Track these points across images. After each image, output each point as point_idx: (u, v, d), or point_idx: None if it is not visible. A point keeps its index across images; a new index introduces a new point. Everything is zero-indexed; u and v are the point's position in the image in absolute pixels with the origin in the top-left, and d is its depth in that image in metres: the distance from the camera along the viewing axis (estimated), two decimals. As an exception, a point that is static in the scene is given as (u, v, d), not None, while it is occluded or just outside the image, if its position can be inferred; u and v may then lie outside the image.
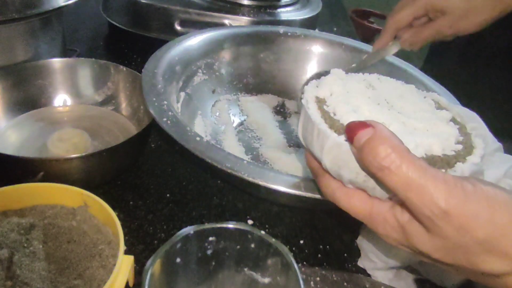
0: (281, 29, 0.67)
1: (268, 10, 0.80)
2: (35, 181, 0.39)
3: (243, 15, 0.76)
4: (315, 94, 0.33)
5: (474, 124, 0.35)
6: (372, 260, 0.42)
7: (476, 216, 0.24)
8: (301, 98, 0.33)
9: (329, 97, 0.33)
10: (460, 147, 0.30)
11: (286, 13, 0.81)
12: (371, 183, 0.28)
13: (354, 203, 0.30)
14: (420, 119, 0.32)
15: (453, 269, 0.27)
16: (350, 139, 0.27)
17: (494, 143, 0.37)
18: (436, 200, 0.24)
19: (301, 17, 0.81)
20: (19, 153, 0.49)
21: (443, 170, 0.28)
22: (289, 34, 0.66)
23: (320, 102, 0.32)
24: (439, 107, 0.36)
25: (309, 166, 0.33)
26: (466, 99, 0.55)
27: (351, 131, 0.27)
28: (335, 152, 0.29)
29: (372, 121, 0.27)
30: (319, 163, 0.31)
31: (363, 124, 0.26)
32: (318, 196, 0.38)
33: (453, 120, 0.34)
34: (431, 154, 0.29)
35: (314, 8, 0.86)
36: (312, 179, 0.39)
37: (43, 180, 0.42)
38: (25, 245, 0.35)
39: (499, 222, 0.24)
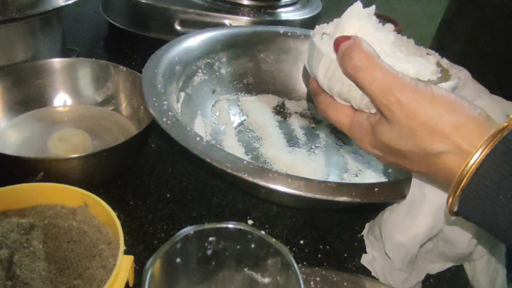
0: (281, 29, 0.67)
1: (268, 10, 0.80)
2: (35, 181, 0.39)
3: (243, 15, 0.76)
4: (322, 30, 0.39)
5: (457, 71, 0.38)
6: (374, 258, 0.42)
7: (421, 104, 0.29)
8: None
9: (333, 31, 0.38)
10: (434, 77, 0.36)
11: (286, 13, 0.81)
12: (353, 93, 0.34)
13: (339, 117, 0.36)
14: (407, 56, 0.38)
15: (407, 162, 0.33)
16: (336, 50, 0.33)
17: (474, 91, 0.42)
18: (392, 90, 0.30)
19: (301, 17, 0.81)
20: (19, 153, 0.49)
21: None
22: (289, 34, 0.66)
23: (325, 35, 0.38)
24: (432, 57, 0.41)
25: (310, 88, 0.39)
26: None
27: (336, 43, 0.33)
28: (326, 66, 0.35)
29: (353, 35, 0.33)
30: (318, 83, 0.37)
31: (345, 37, 0.33)
32: (318, 196, 0.38)
33: (437, 63, 0.39)
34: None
35: (314, 8, 0.86)
36: (312, 179, 0.39)
37: (43, 180, 0.42)
38: (25, 245, 0.35)
39: (438, 108, 0.29)
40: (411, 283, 0.42)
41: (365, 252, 0.45)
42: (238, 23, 0.74)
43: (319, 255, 0.45)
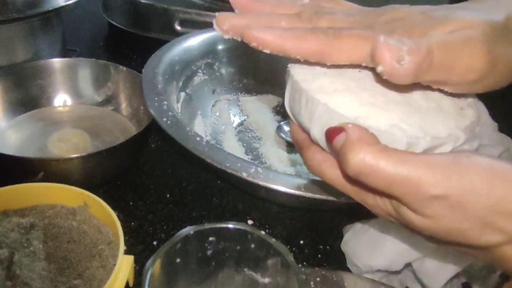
0: (281, 29, 0.67)
1: (268, 10, 0.80)
2: (35, 181, 0.39)
3: (243, 15, 0.75)
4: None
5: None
6: (356, 265, 0.42)
7: (474, 191, 0.23)
8: (287, 70, 0.30)
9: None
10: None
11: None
12: None
13: (339, 175, 0.27)
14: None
15: (441, 243, 0.27)
16: (329, 144, 0.26)
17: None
18: (423, 189, 0.23)
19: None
20: (19, 153, 0.49)
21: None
22: (289, 34, 0.66)
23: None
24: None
25: (293, 138, 0.31)
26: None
27: (328, 137, 0.25)
28: (324, 120, 0.26)
29: (345, 124, 0.25)
30: (307, 134, 0.28)
31: (337, 130, 0.25)
32: (318, 196, 0.38)
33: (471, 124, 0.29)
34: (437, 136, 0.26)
35: (314, 8, 0.86)
36: (312, 179, 0.39)
37: (43, 180, 0.42)
38: (25, 245, 0.35)
39: (497, 194, 0.23)
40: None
41: None
42: (238, 23, 0.74)
43: (319, 256, 0.45)
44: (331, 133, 0.25)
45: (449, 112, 0.28)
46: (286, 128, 0.60)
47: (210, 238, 0.31)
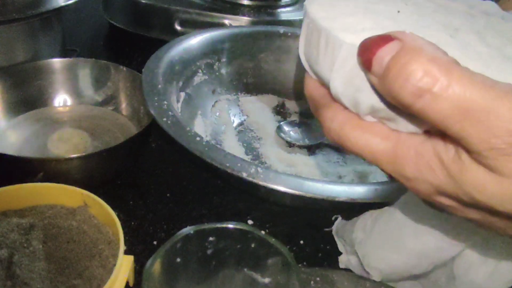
0: (281, 29, 0.67)
1: (268, 10, 0.80)
2: (35, 181, 0.39)
3: (243, 15, 0.76)
4: None
5: None
6: (376, 267, 0.36)
7: None
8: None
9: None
10: None
11: (286, 13, 0.81)
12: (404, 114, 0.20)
13: (369, 139, 0.20)
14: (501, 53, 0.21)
15: None
16: (367, 63, 0.18)
17: None
18: (508, 126, 0.16)
19: (301, 17, 0.81)
20: (19, 153, 0.49)
21: None
22: (289, 34, 0.66)
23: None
24: None
25: (308, 95, 0.24)
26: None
27: (366, 51, 0.18)
28: (351, 65, 0.19)
29: (395, 31, 0.18)
30: (327, 88, 0.22)
31: (383, 38, 0.18)
32: (318, 196, 0.38)
33: None
34: None
35: (314, 8, 0.86)
36: (312, 179, 0.39)
37: (43, 180, 0.42)
38: (25, 245, 0.35)
39: None
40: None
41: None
42: (238, 23, 0.74)
43: (320, 255, 0.45)
44: (372, 44, 0.18)
45: None
46: (286, 128, 0.60)
47: (210, 238, 0.31)
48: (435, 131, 0.19)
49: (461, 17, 0.23)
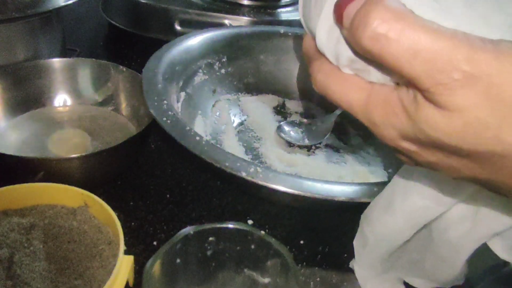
0: (281, 29, 0.67)
1: (268, 10, 0.80)
2: (35, 181, 0.39)
3: (243, 15, 0.76)
4: None
5: None
6: (366, 242, 0.37)
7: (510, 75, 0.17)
8: None
9: None
10: None
11: (286, 13, 0.81)
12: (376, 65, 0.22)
13: (348, 91, 0.23)
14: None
15: (467, 164, 0.21)
16: (339, 18, 0.20)
17: None
18: (456, 62, 0.18)
19: (301, 17, 0.81)
20: (19, 153, 0.49)
21: None
22: (289, 34, 0.66)
23: None
24: None
25: (304, 49, 0.26)
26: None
27: (339, 7, 0.20)
28: (332, 20, 0.22)
29: None
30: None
31: None
32: (318, 196, 0.38)
33: None
34: None
35: (314, 8, 0.86)
36: (312, 179, 0.39)
37: (43, 180, 0.42)
38: (26, 245, 0.35)
39: None
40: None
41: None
42: (238, 23, 0.74)
43: (319, 256, 0.45)
44: (342, 2, 0.20)
45: None
46: (286, 128, 0.60)
47: (210, 238, 0.31)
48: (403, 81, 0.21)
49: None
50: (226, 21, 0.74)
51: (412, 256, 0.37)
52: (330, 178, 0.53)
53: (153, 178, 0.51)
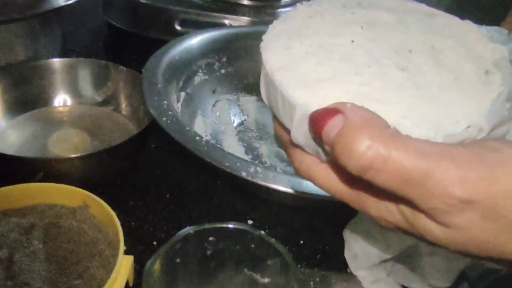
0: (281, 29, 0.67)
1: (268, 10, 0.80)
2: (35, 181, 0.39)
3: (243, 15, 0.76)
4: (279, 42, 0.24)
5: None
6: (356, 254, 0.38)
7: (509, 196, 0.18)
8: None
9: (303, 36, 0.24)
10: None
11: (286, 13, 0.81)
12: None
13: (334, 182, 0.22)
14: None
15: (472, 258, 0.22)
16: (318, 135, 0.20)
17: None
18: (449, 189, 0.18)
19: (301, 17, 0.81)
20: (19, 153, 0.49)
21: None
22: (289, 34, 0.66)
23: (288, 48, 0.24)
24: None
25: (277, 135, 0.26)
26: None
27: (315, 124, 0.20)
28: (306, 127, 0.21)
29: (338, 104, 0.19)
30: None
31: (328, 113, 0.19)
32: (318, 196, 0.38)
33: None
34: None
35: (314, 8, 0.86)
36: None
37: (43, 180, 0.42)
38: (25, 245, 0.35)
39: None
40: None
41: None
42: (238, 23, 0.74)
43: (319, 256, 0.45)
44: (320, 118, 0.20)
45: (469, 84, 0.22)
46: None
47: (210, 238, 0.31)
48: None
49: (415, 27, 0.24)
50: (226, 21, 0.74)
51: (404, 265, 0.38)
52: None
53: (153, 178, 0.51)
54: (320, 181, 0.23)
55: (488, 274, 0.43)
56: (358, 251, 0.39)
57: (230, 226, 0.31)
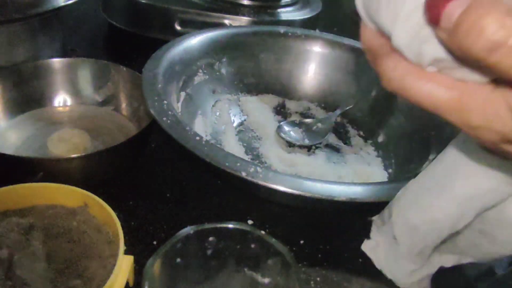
0: (281, 29, 0.67)
1: (268, 10, 0.80)
2: (35, 181, 0.39)
3: (243, 15, 0.76)
4: None
5: None
6: (410, 223, 0.31)
7: None
8: None
9: None
10: None
11: (286, 13, 0.81)
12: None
13: (433, 89, 0.20)
14: None
15: None
16: (435, 19, 0.18)
17: None
18: None
19: (301, 17, 0.81)
20: (19, 153, 0.49)
21: None
22: (289, 34, 0.66)
23: None
24: None
25: (366, 45, 0.23)
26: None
27: (434, 6, 0.18)
28: (417, 17, 0.19)
29: None
30: (387, 38, 0.21)
31: None
32: (318, 196, 0.38)
33: None
34: None
35: (314, 8, 0.86)
36: (312, 179, 0.39)
37: (43, 180, 0.42)
38: (25, 245, 0.35)
39: None
40: (419, 276, 0.34)
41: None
42: (238, 23, 0.74)
43: (320, 255, 0.44)
44: (439, 0, 0.17)
45: None
46: (286, 128, 0.60)
47: (210, 238, 0.31)
48: (504, 80, 0.18)
49: None
50: (226, 21, 0.74)
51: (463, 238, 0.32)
52: (330, 178, 0.53)
53: (153, 177, 0.51)
54: (415, 87, 0.20)
55: (488, 274, 0.43)
56: (420, 225, 0.32)
57: (230, 226, 0.31)
